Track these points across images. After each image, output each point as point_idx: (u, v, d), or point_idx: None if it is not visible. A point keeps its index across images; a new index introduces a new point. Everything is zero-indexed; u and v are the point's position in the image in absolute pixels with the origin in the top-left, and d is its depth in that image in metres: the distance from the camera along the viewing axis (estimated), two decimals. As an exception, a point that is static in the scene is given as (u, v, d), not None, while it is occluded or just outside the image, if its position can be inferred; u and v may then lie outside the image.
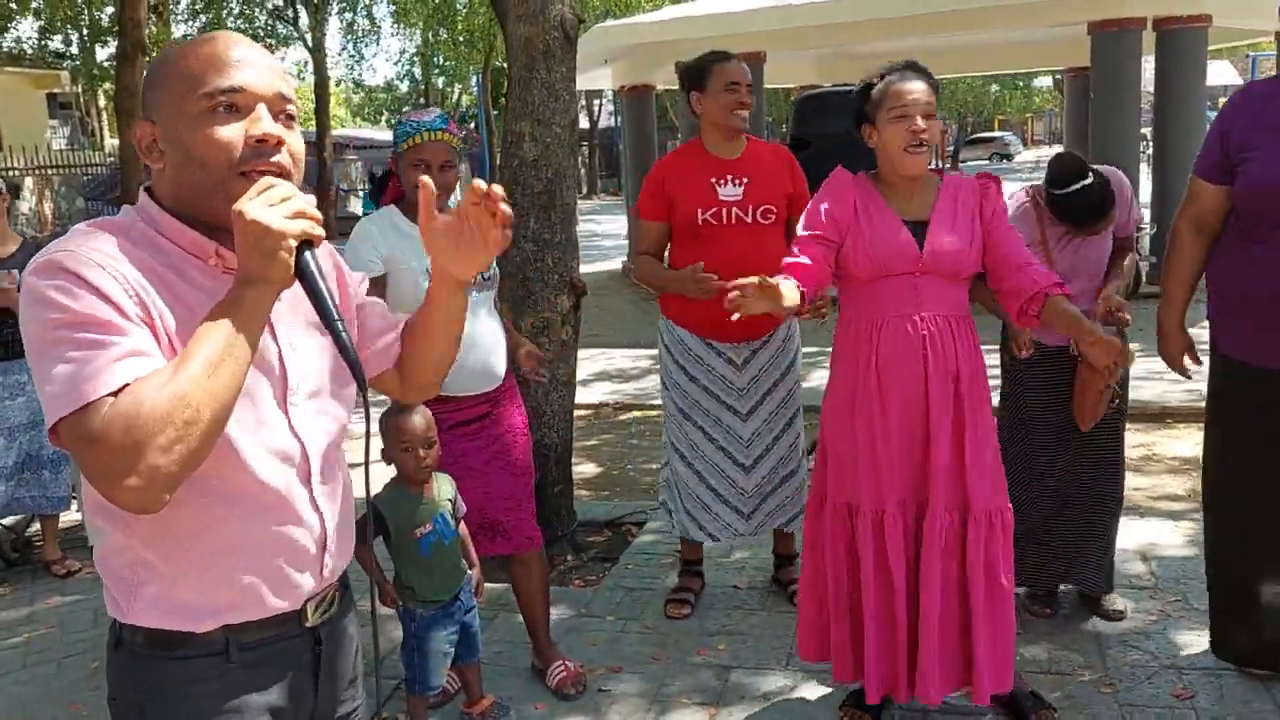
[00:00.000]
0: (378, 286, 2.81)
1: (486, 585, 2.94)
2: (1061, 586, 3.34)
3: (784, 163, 3.35)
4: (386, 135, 33.04)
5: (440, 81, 29.93)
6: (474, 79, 29.14)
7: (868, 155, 2.62)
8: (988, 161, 42.17)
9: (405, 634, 2.72)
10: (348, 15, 26.34)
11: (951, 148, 44.61)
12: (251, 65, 1.24)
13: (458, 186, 2.84)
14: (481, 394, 2.85)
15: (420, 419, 2.64)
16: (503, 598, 3.60)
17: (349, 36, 26.76)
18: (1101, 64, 9.37)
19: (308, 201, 1.18)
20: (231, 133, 1.21)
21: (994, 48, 13.18)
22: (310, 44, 25.69)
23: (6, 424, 4.07)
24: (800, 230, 2.60)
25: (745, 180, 3.23)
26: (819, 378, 6.96)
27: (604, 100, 33.34)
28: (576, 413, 4.71)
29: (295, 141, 1.26)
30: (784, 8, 10.16)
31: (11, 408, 4.08)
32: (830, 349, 2.72)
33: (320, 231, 1.19)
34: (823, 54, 12.69)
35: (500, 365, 2.87)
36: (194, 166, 1.22)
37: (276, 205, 1.15)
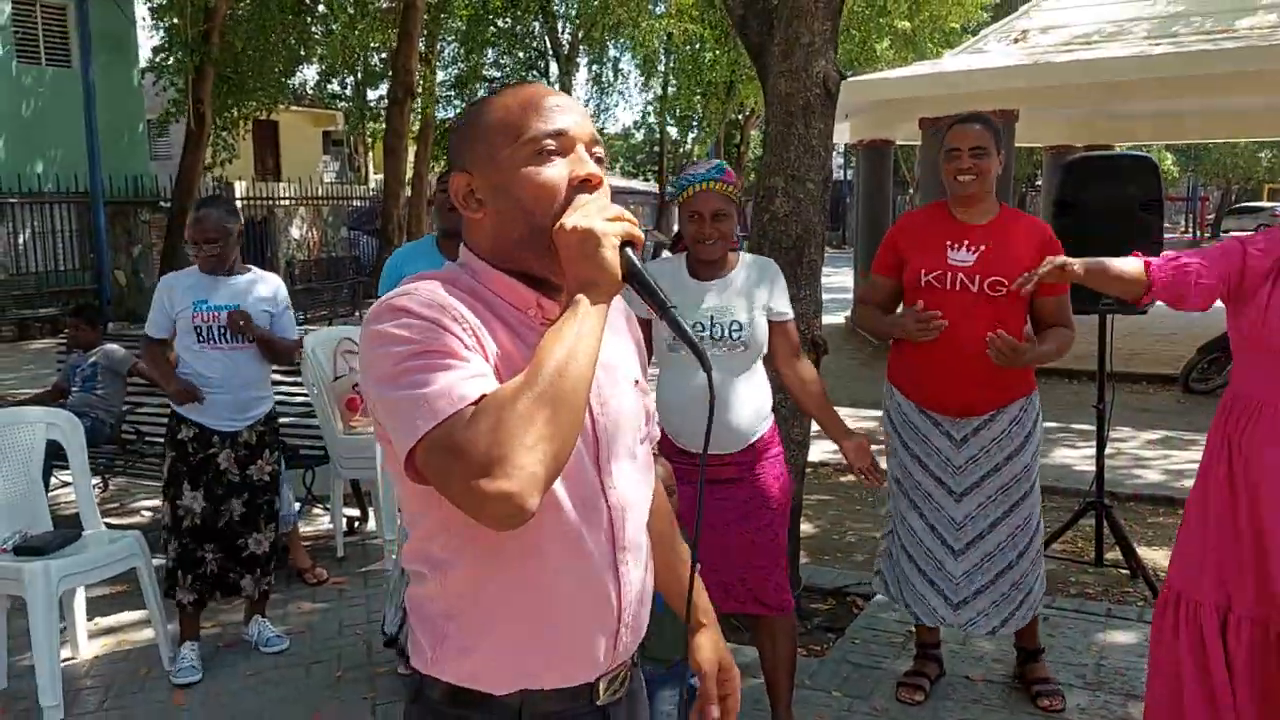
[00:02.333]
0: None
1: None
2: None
3: (1036, 238, 3.10)
4: (620, 181, 34.24)
5: (674, 131, 30.67)
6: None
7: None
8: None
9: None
10: (594, 67, 27.55)
11: (1212, 216, 41.28)
12: (569, 110, 1.25)
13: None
14: (727, 454, 2.79)
15: (659, 468, 2.62)
16: (725, 658, 3.53)
17: (594, 88, 27.93)
18: None
19: (622, 209, 1.21)
20: (556, 172, 1.22)
21: (1270, 112, 12.04)
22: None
23: None
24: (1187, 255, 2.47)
25: (981, 248, 3.05)
26: (1062, 457, 6.51)
27: (833, 153, 33.13)
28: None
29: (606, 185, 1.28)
30: (1044, 65, 9.70)
31: None
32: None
33: (640, 233, 1.20)
34: (1078, 113, 12.04)
35: (747, 428, 2.79)
36: (517, 212, 1.23)
37: (595, 214, 1.19)
